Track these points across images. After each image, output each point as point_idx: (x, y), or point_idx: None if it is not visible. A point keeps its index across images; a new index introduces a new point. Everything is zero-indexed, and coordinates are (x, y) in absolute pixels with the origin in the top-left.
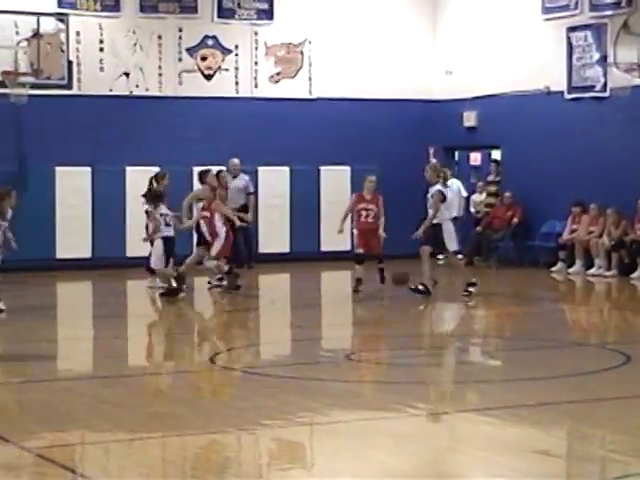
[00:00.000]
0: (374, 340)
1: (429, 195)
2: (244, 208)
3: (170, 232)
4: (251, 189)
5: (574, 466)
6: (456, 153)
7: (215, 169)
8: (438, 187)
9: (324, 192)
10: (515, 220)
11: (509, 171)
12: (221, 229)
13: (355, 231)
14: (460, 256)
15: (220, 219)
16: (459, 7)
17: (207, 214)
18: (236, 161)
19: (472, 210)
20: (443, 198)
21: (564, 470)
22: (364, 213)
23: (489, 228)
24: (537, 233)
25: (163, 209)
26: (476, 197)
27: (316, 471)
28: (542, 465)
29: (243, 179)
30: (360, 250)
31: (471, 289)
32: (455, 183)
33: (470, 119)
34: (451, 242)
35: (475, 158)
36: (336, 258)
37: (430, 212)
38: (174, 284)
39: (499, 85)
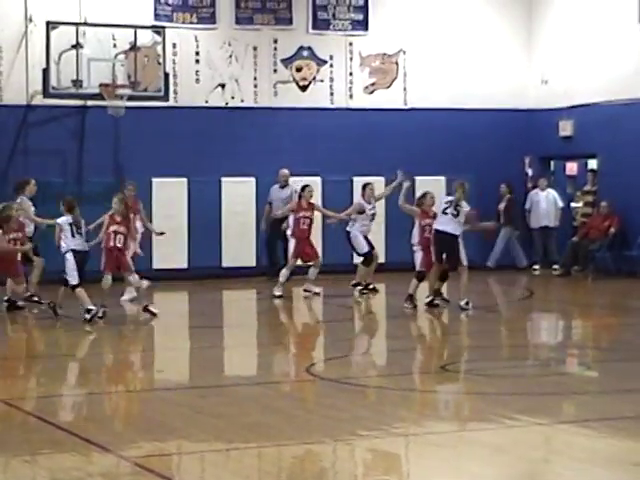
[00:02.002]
0: (469, 351)
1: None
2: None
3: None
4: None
5: None
6: (552, 163)
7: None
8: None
9: None
10: (612, 230)
11: (606, 181)
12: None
13: (420, 247)
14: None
15: None
16: (554, 16)
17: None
18: (286, 171)
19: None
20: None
21: None
22: (428, 229)
23: (586, 238)
24: (635, 243)
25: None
26: (574, 205)
27: None
28: None
29: (290, 189)
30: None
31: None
32: (551, 193)
33: (566, 128)
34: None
35: (571, 168)
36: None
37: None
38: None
39: (595, 94)
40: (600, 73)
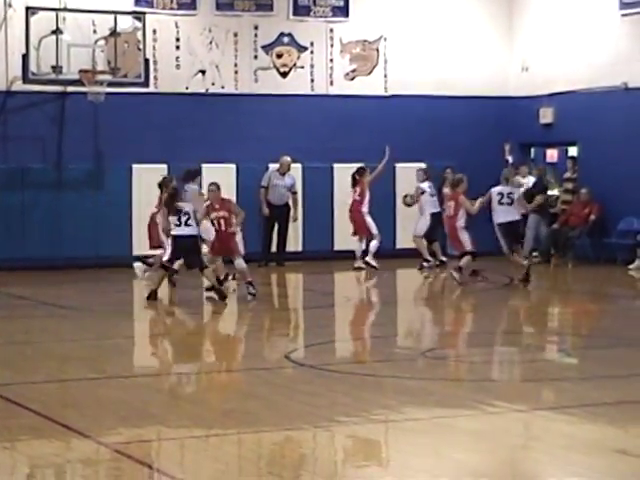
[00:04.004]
0: (450, 337)
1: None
2: (286, 207)
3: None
4: (295, 188)
5: None
6: (532, 150)
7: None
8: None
9: (400, 189)
10: (592, 217)
11: (586, 168)
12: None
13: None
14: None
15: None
16: (535, 3)
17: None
18: (288, 159)
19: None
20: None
21: None
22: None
23: (565, 225)
24: (614, 230)
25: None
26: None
27: (391, 469)
28: (620, 464)
29: (292, 178)
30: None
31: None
32: (532, 180)
33: (546, 115)
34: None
35: (552, 155)
36: (412, 255)
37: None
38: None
39: (576, 81)
40: (581, 61)
